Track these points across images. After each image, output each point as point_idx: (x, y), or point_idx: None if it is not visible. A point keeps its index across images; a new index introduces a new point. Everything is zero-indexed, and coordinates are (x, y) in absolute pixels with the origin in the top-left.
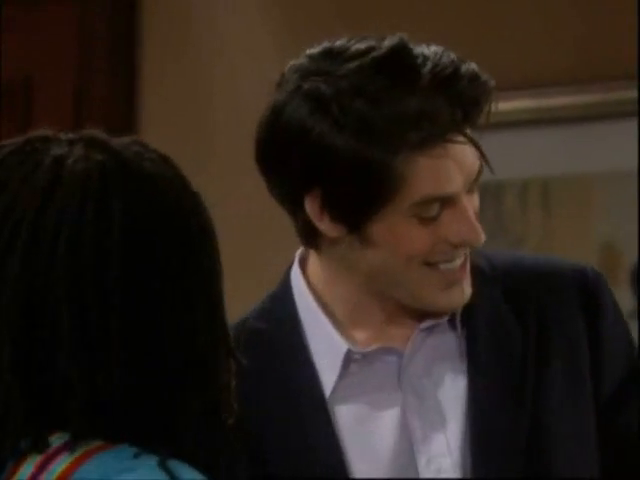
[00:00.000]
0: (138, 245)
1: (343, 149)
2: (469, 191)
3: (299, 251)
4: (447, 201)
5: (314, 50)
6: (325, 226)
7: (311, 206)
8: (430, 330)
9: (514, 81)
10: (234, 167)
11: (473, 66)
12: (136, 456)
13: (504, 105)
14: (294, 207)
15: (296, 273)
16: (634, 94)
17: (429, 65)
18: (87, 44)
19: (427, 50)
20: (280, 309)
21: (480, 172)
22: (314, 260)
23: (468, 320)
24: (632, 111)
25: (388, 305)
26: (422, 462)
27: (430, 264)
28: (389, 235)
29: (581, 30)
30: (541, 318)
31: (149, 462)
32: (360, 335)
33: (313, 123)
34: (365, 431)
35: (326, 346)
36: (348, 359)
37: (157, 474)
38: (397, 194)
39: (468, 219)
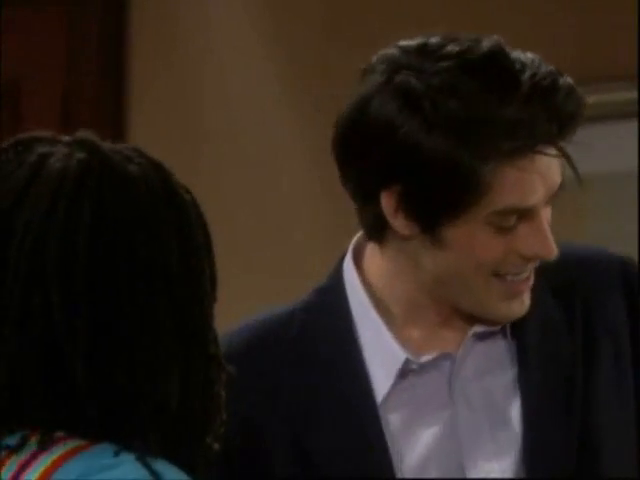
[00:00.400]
0: (105, 248)
1: (431, 149)
2: (546, 204)
3: (352, 243)
4: (525, 213)
5: (407, 43)
6: (398, 223)
7: (387, 202)
8: (481, 335)
9: None
10: (224, 167)
11: (569, 80)
12: (116, 454)
13: None
14: (367, 201)
15: (349, 266)
16: (634, 95)
17: (528, 73)
18: (76, 45)
19: (524, 57)
20: (331, 303)
21: (561, 187)
22: (374, 254)
23: (518, 325)
24: (632, 112)
25: (444, 308)
26: (471, 470)
27: (498, 275)
28: (464, 240)
29: (581, 31)
30: (587, 312)
31: (129, 459)
32: (413, 336)
33: (402, 120)
34: (415, 438)
35: (381, 351)
36: (405, 369)
37: (137, 471)
38: (480, 201)
39: (543, 233)
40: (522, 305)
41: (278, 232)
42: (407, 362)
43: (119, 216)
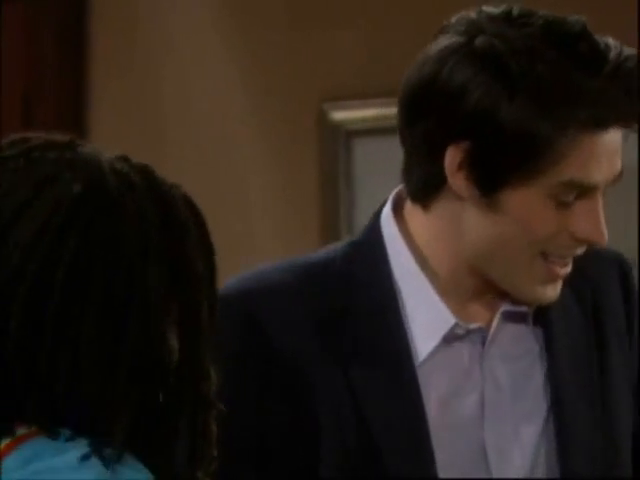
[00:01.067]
0: (79, 289)
1: (511, 112)
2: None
3: (391, 197)
4: (586, 192)
5: (489, 9)
6: (459, 182)
7: (452, 158)
8: (511, 315)
9: None
10: (185, 166)
11: None
12: (70, 439)
13: None
14: (428, 158)
15: (389, 220)
16: None
17: (614, 51)
18: (36, 46)
19: (607, 40)
20: (371, 256)
21: (622, 173)
22: (416, 213)
23: (541, 312)
24: None
25: (478, 280)
26: (492, 455)
27: (544, 254)
28: (522, 208)
29: None
30: (596, 300)
31: (82, 444)
32: (456, 303)
33: (482, 80)
34: (445, 407)
35: (427, 311)
36: (452, 333)
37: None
38: (551, 169)
39: (598, 216)
40: (555, 291)
41: (243, 225)
42: (455, 326)
43: (102, 254)
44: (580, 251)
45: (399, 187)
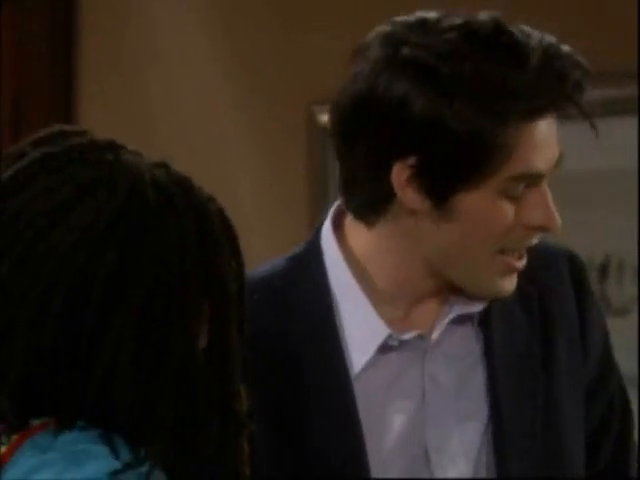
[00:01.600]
0: (118, 302)
1: (454, 117)
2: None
3: (330, 213)
4: (533, 181)
5: (403, 19)
6: (409, 197)
7: (400, 174)
8: (457, 319)
9: None
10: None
11: (568, 47)
12: (81, 428)
13: None
14: (374, 175)
15: (329, 236)
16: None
17: (534, 41)
18: (26, 49)
19: (523, 28)
20: (309, 272)
21: (561, 157)
22: (357, 228)
23: (484, 313)
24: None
25: (430, 284)
26: (434, 455)
27: (503, 251)
28: (477, 210)
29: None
30: (544, 302)
31: (93, 433)
32: (392, 313)
33: (417, 92)
34: (383, 414)
35: (362, 324)
36: (386, 344)
37: (99, 445)
38: (501, 166)
39: (548, 203)
40: (512, 283)
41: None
42: (389, 338)
43: (142, 271)
44: (534, 241)
45: (338, 201)
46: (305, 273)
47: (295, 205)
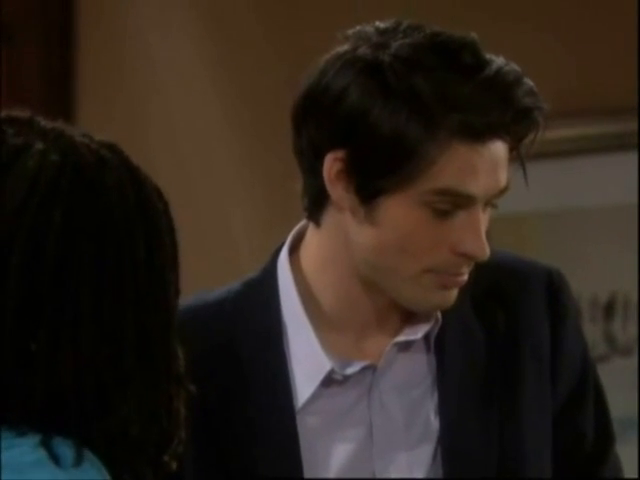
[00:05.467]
0: (72, 256)
1: (382, 115)
2: (486, 204)
3: (291, 234)
4: (463, 203)
5: (383, 23)
6: (338, 193)
7: (330, 167)
8: (403, 345)
9: None
10: (169, 192)
11: (531, 83)
12: (20, 434)
13: None
14: (311, 170)
15: (284, 258)
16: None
17: (495, 65)
18: (19, 82)
19: (495, 57)
20: (261, 298)
21: (505, 189)
22: (311, 241)
23: (439, 336)
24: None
25: (375, 302)
26: None
27: (432, 270)
28: (398, 216)
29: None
30: (510, 324)
31: (32, 440)
32: (340, 342)
33: (357, 85)
34: (328, 446)
35: (307, 356)
36: (329, 378)
37: (36, 452)
38: (422, 175)
39: (477, 230)
40: (450, 296)
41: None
42: (332, 372)
43: (89, 225)
44: (467, 268)
45: (302, 223)
46: (259, 298)
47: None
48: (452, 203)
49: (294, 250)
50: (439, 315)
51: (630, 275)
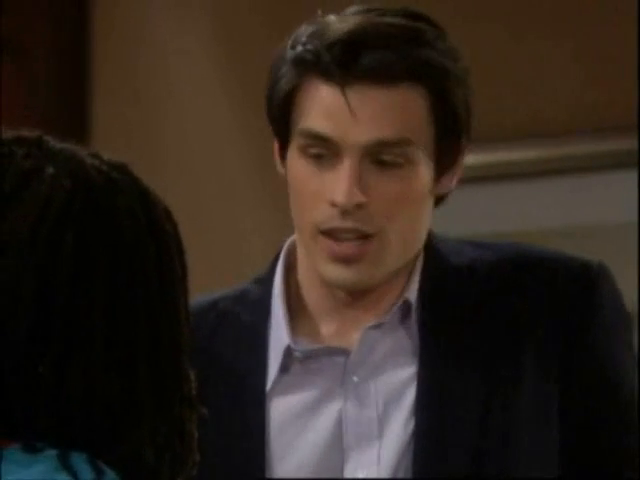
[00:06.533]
0: (85, 280)
1: (282, 74)
2: (372, 157)
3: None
4: (334, 151)
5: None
6: (278, 163)
7: (275, 144)
8: (380, 328)
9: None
10: (187, 217)
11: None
12: (38, 450)
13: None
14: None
15: (283, 254)
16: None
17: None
18: (32, 99)
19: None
20: (256, 293)
21: (393, 144)
22: None
23: (424, 319)
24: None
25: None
26: (349, 470)
27: (323, 233)
28: (289, 167)
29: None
30: (519, 310)
31: (50, 455)
32: (319, 328)
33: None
34: (297, 431)
35: (276, 338)
36: (288, 356)
37: (55, 469)
38: (295, 119)
39: (341, 177)
40: (347, 273)
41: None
42: (289, 349)
43: (101, 249)
44: (344, 223)
45: None
46: (253, 293)
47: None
48: (322, 148)
49: (294, 244)
50: (411, 298)
51: (630, 293)
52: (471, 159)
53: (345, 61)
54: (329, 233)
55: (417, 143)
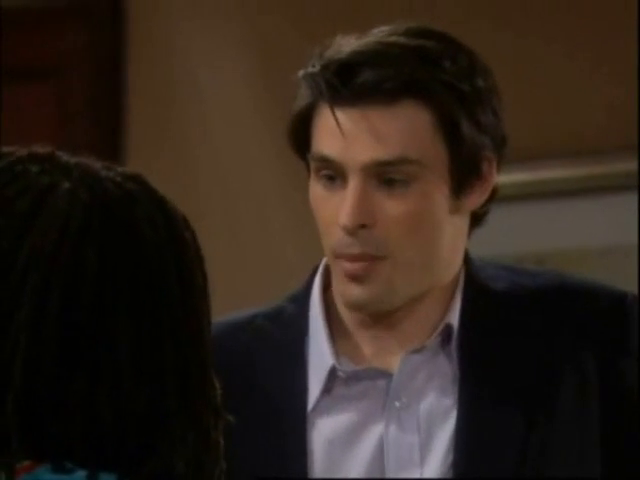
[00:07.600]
0: (109, 294)
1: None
2: (378, 178)
3: None
4: (340, 173)
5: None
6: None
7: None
8: (421, 352)
9: (510, 154)
10: (219, 239)
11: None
12: (68, 470)
13: (499, 179)
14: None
15: (319, 273)
16: (634, 166)
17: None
18: (67, 123)
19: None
20: (292, 311)
21: (394, 162)
22: None
23: (465, 344)
24: (632, 184)
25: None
26: None
27: (338, 256)
28: (311, 193)
29: (580, 101)
30: (562, 334)
31: (79, 476)
32: (359, 349)
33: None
34: (339, 455)
35: (317, 357)
36: (332, 376)
37: None
38: (306, 140)
39: (348, 199)
40: (357, 290)
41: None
42: (333, 369)
43: (123, 263)
44: (357, 248)
45: None
46: (290, 311)
47: None
48: (331, 169)
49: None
50: (453, 323)
51: None
52: None
53: (337, 82)
54: (342, 256)
55: (422, 161)
